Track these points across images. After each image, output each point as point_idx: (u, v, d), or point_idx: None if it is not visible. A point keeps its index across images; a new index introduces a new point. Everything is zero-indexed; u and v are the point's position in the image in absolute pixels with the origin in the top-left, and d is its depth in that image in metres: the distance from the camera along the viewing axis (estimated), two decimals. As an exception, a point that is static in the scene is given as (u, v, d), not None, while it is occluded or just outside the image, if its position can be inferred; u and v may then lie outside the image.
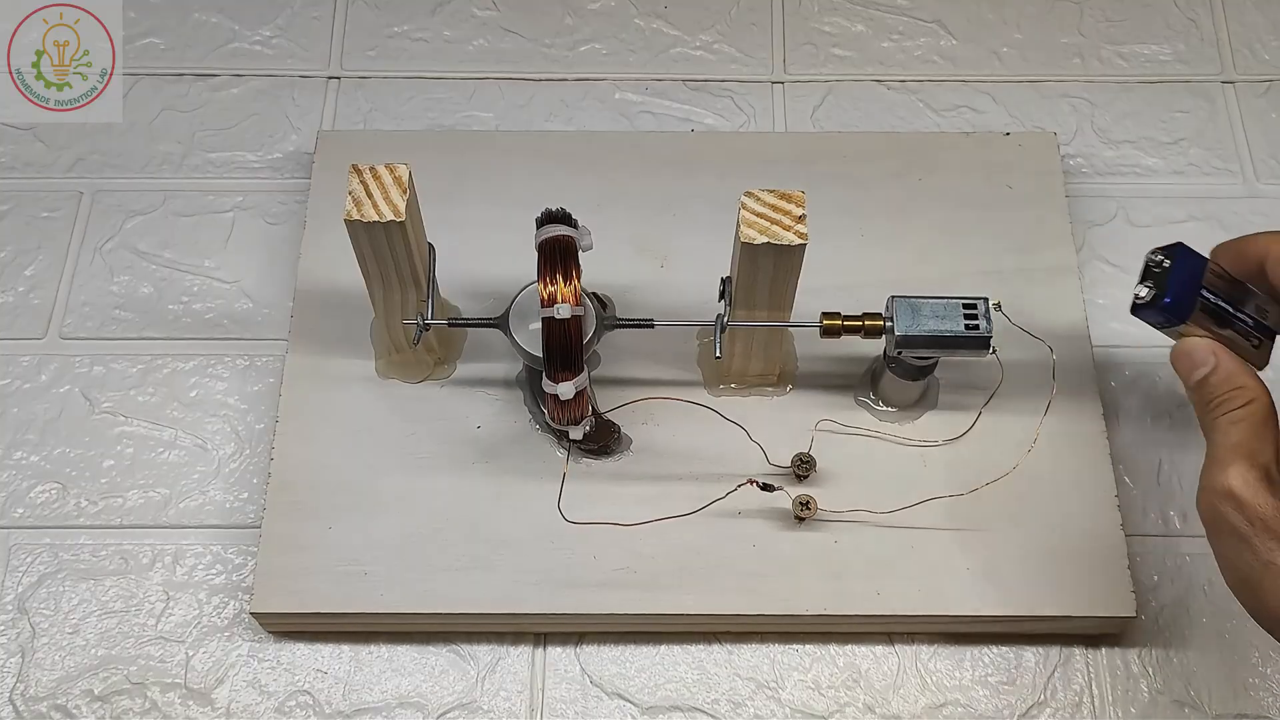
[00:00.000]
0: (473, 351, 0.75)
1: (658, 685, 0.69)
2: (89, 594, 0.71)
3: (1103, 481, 0.71)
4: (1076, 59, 0.90)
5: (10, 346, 0.78)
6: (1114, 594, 0.68)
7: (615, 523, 0.68)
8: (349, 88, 0.88)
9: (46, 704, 0.68)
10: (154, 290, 0.80)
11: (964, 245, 0.78)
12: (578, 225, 0.65)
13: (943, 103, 0.88)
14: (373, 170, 0.63)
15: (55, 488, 0.74)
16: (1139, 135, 0.87)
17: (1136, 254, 0.81)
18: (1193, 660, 0.70)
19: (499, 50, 0.90)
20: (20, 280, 0.81)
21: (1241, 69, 0.89)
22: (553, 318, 0.63)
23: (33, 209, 0.83)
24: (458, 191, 0.80)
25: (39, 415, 0.76)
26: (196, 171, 0.85)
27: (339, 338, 0.75)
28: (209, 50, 0.89)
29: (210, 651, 0.70)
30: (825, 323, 0.67)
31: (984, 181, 0.81)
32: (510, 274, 0.69)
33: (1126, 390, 0.77)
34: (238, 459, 0.75)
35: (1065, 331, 0.74)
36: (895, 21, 0.91)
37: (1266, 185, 0.85)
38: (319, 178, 0.81)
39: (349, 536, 0.69)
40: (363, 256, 0.66)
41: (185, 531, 0.73)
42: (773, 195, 0.63)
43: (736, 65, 0.89)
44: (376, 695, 0.69)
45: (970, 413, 0.72)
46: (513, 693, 0.69)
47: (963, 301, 0.66)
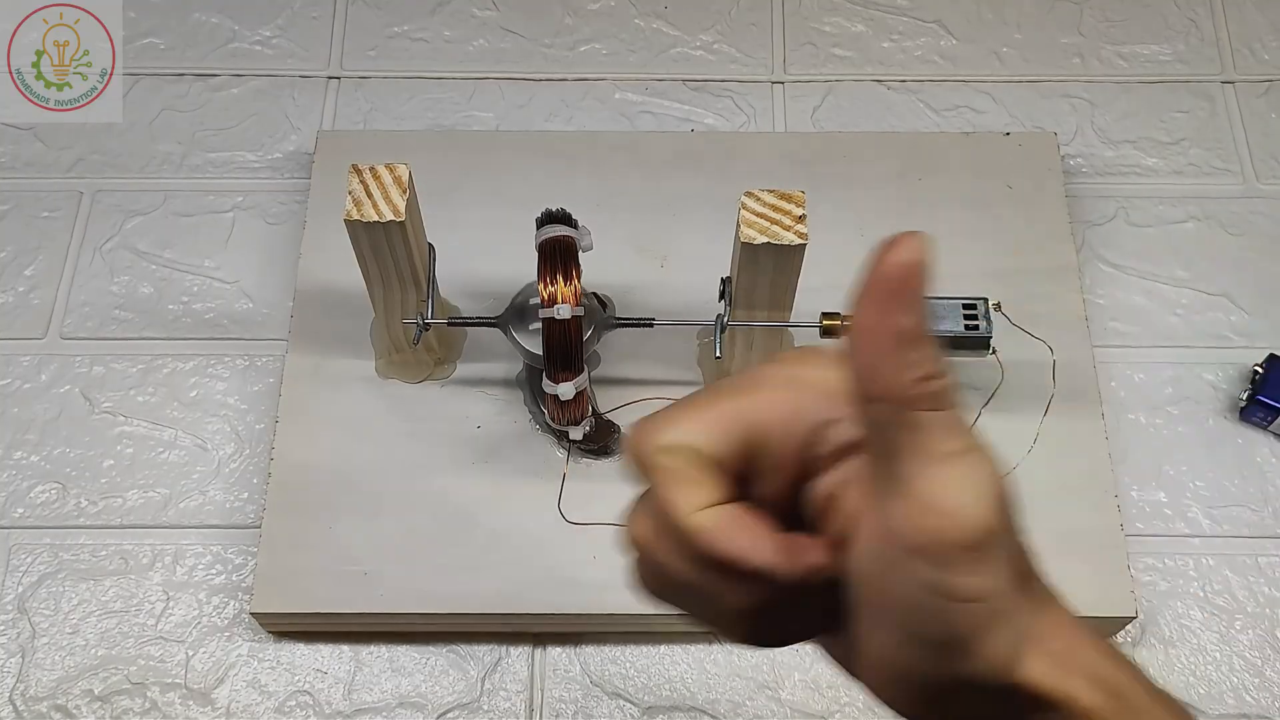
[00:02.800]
0: (473, 351, 0.75)
1: (658, 685, 0.69)
2: (89, 594, 0.71)
3: (1103, 481, 0.71)
4: (1076, 59, 0.90)
5: (10, 346, 0.78)
6: (1114, 594, 0.68)
7: (615, 523, 0.68)
8: (349, 88, 0.88)
9: (46, 704, 0.68)
10: (154, 290, 0.80)
11: (964, 245, 0.78)
12: (578, 225, 0.65)
13: (943, 103, 0.88)
14: (373, 170, 0.63)
15: (55, 488, 0.74)
16: (1139, 135, 0.87)
17: (1136, 254, 0.82)
18: (1193, 660, 0.70)
19: (499, 50, 0.90)
20: (20, 280, 0.81)
21: (1241, 69, 0.89)
22: (553, 318, 0.63)
23: (33, 209, 0.83)
24: (458, 191, 0.80)
25: (39, 415, 0.76)
26: (196, 171, 0.85)
27: (339, 338, 0.75)
28: (209, 50, 0.89)
29: (210, 651, 0.70)
30: (825, 323, 0.67)
31: (984, 181, 0.81)
32: (510, 274, 0.69)
33: (1126, 390, 0.77)
34: (238, 459, 0.75)
35: (1065, 331, 0.74)
36: (895, 21, 0.91)
37: (1266, 185, 0.85)
38: (319, 178, 0.81)
39: (349, 536, 0.69)
40: (363, 256, 0.66)
41: (185, 531, 0.73)
42: (773, 195, 0.62)
43: (736, 65, 0.89)
44: (376, 695, 0.69)
45: (970, 413, 0.72)
46: (513, 693, 0.69)
47: (963, 301, 0.66)
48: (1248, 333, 0.79)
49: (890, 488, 0.32)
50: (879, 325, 0.31)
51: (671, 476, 0.34)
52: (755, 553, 0.33)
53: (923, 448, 0.31)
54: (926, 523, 0.31)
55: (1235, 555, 0.73)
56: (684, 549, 0.34)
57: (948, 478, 0.31)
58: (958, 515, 0.31)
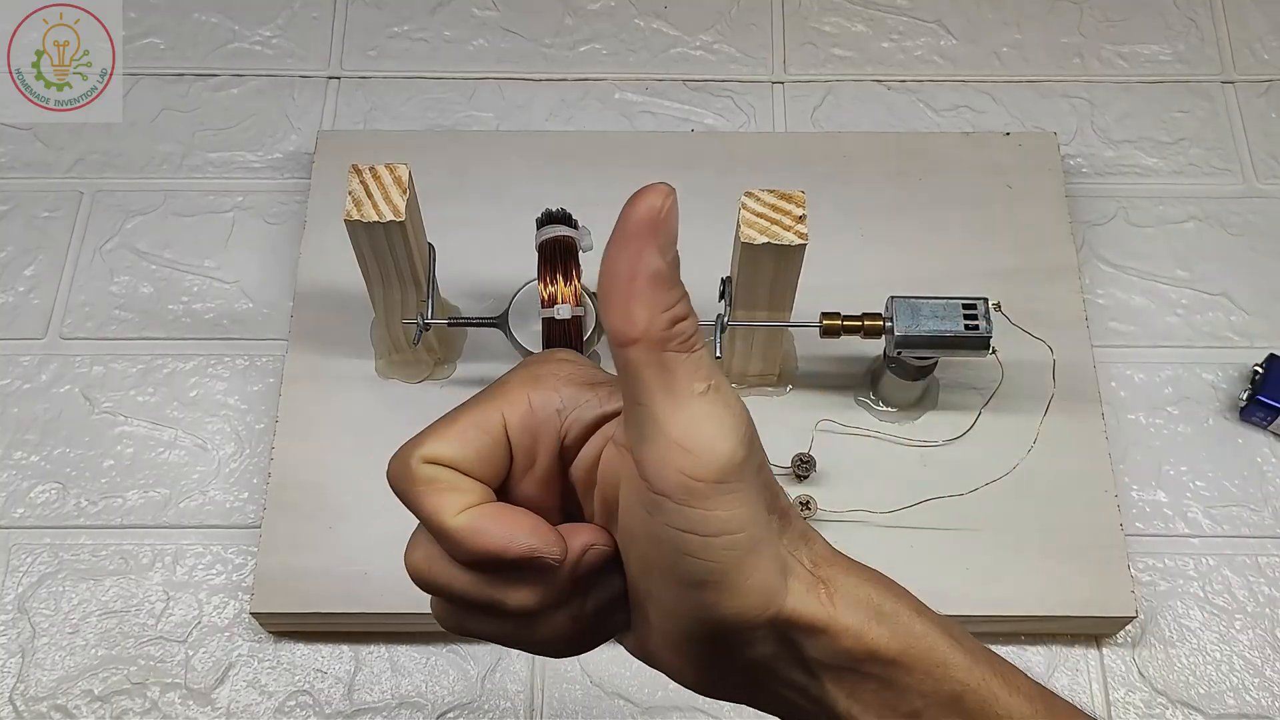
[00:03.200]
0: (473, 351, 0.75)
1: (658, 685, 0.69)
2: (89, 594, 0.71)
3: (1103, 481, 0.71)
4: (1076, 59, 0.90)
5: (10, 346, 0.78)
6: (1114, 594, 0.68)
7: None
8: (349, 88, 0.88)
9: (46, 704, 0.68)
10: (154, 290, 0.80)
11: (964, 245, 0.78)
12: (578, 225, 0.65)
13: (943, 103, 0.88)
14: (373, 170, 0.63)
15: (55, 488, 0.74)
16: (1139, 135, 0.87)
17: (1136, 254, 0.82)
18: (1193, 660, 0.70)
19: (499, 50, 0.90)
20: (20, 280, 0.81)
21: (1241, 69, 0.89)
22: (553, 318, 0.63)
23: (33, 209, 0.83)
24: (458, 191, 0.80)
25: (39, 415, 0.76)
26: (196, 171, 0.85)
27: (339, 338, 0.75)
28: (209, 50, 0.89)
29: (210, 651, 0.70)
30: (825, 323, 0.67)
31: (984, 181, 0.81)
32: (510, 274, 0.69)
33: (1126, 390, 0.77)
34: (238, 459, 0.75)
35: (1065, 331, 0.74)
36: (895, 21, 0.91)
37: (1266, 185, 0.85)
38: (319, 178, 0.81)
39: (349, 536, 0.69)
40: (363, 256, 0.66)
41: (185, 531, 0.73)
42: (773, 195, 0.63)
43: (736, 65, 0.89)
44: (376, 695, 0.69)
45: (970, 413, 0.72)
46: (513, 693, 0.69)
47: (962, 302, 0.66)
48: (1248, 333, 0.79)
49: (644, 433, 0.33)
50: (630, 269, 0.32)
51: (427, 489, 0.35)
52: (514, 539, 0.34)
53: (674, 388, 0.32)
54: (678, 461, 0.32)
55: (1235, 555, 0.73)
56: (455, 560, 0.35)
57: (696, 415, 0.32)
58: (706, 451, 0.32)
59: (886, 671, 0.35)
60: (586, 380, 0.36)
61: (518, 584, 0.35)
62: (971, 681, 0.36)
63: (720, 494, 0.32)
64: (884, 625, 0.35)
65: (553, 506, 0.37)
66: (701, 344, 0.33)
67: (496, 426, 0.35)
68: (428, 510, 0.35)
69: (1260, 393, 0.74)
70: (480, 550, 0.34)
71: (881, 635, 0.35)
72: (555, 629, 0.37)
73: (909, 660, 0.35)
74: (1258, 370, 0.75)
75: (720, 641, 0.35)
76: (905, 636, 0.35)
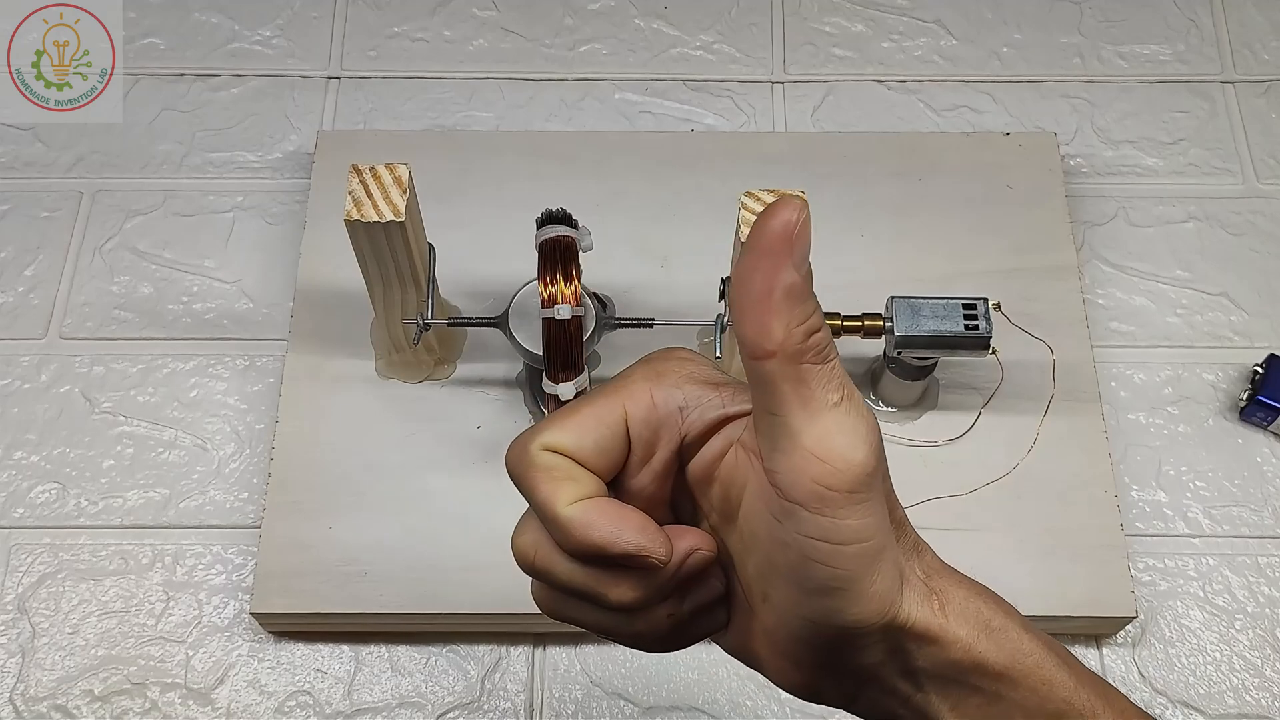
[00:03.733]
0: (473, 351, 0.75)
1: (658, 685, 0.69)
2: (89, 594, 0.71)
3: (1103, 481, 0.71)
4: (1076, 59, 0.90)
5: (10, 346, 0.78)
6: (1114, 594, 0.68)
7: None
8: (349, 88, 0.88)
9: (46, 704, 0.68)
10: (154, 290, 0.80)
11: (964, 245, 0.78)
12: (578, 225, 0.65)
13: (943, 103, 0.88)
14: (373, 170, 0.63)
15: (55, 488, 0.74)
16: (1139, 135, 0.87)
17: (1136, 254, 0.82)
18: (1193, 660, 0.70)
19: (499, 50, 0.90)
20: (20, 280, 0.81)
21: (1241, 69, 0.89)
22: (553, 318, 0.63)
23: (33, 209, 0.83)
24: (458, 191, 0.80)
25: (39, 415, 0.76)
26: (196, 171, 0.85)
27: (339, 338, 0.75)
28: (209, 50, 0.89)
29: (210, 651, 0.70)
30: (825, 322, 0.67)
31: (984, 181, 0.81)
32: (510, 274, 0.69)
33: (1126, 390, 0.77)
34: (238, 459, 0.75)
35: (1065, 331, 0.74)
36: (895, 21, 0.91)
37: (1266, 185, 0.85)
38: (319, 178, 0.81)
39: (349, 536, 0.69)
40: (363, 256, 0.66)
41: (185, 531, 0.73)
42: (772, 195, 0.63)
43: (736, 65, 0.89)
44: (376, 695, 0.69)
45: (970, 413, 0.72)
46: (513, 693, 0.69)
47: (962, 302, 0.66)
48: (1248, 333, 0.79)
49: (778, 444, 0.33)
50: (765, 284, 0.32)
51: (543, 476, 0.36)
52: (622, 535, 0.34)
53: (809, 400, 0.33)
54: (813, 471, 0.33)
55: (1235, 555, 0.73)
56: (562, 549, 0.36)
57: (830, 426, 0.33)
58: (842, 461, 0.33)
59: (993, 685, 0.36)
60: (709, 380, 0.37)
61: (620, 579, 0.36)
62: (1076, 701, 0.36)
63: (853, 503, 0.33)
64: (993, 640, 0.36)
65: (662, 500, 0.38)
66: (835, 355, 0.34)
67: (617, 420, 0.36)
68: (541, 497, 0.35)
69: (1260, 393, 0.74)
70: (588, 542, 0.35)
71: (990, 649, 0.36)
72: (652, 625, 0.37)
73: (1015, 675, 0.36)
74: (1258, 370, 0.75)
75: (833, 647, 0.36)
76: (1013, 652, 0.36)
